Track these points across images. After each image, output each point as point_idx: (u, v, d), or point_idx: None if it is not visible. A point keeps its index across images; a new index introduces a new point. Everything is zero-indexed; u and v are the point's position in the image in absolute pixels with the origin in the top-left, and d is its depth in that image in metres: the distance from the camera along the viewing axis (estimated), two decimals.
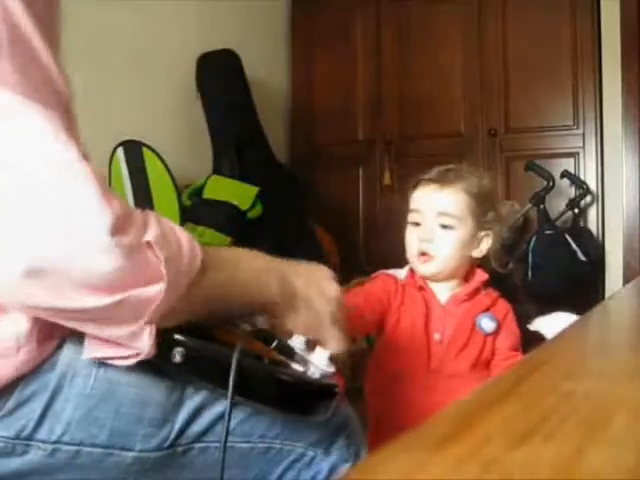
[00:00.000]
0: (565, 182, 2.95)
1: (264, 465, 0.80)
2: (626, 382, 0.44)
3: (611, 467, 0.28)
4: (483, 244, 1.31)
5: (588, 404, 0.38)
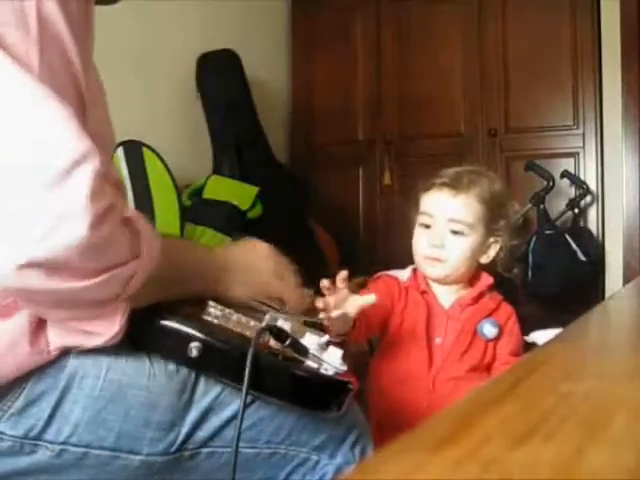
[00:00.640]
0: (565, 182, 2.95)
1: (269, 469, 0.80)
2: (626, 382, 0.44)
3: (611, 467, 0.28)
4: (491, 250, 1.30)
5: (588, 404, 0.38)
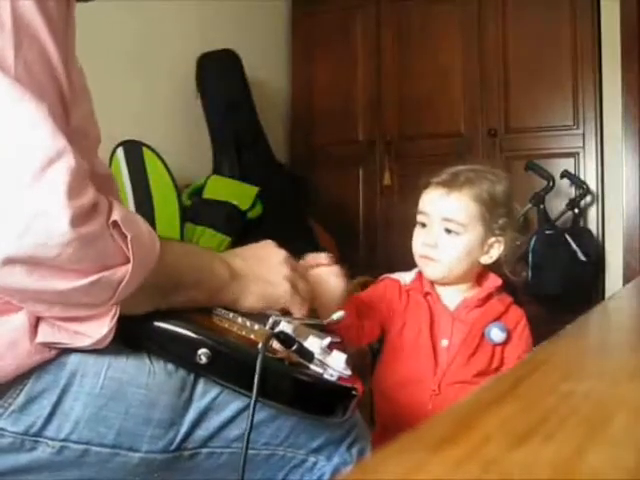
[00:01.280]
0: (565, 182, 2.95)
1: (267, 470, 0.81)
2: (626, 382, 0.44)
3: (611, 467, 0.28)
4: (493, 250, 1.27)
5: (588, 404, 0.38)
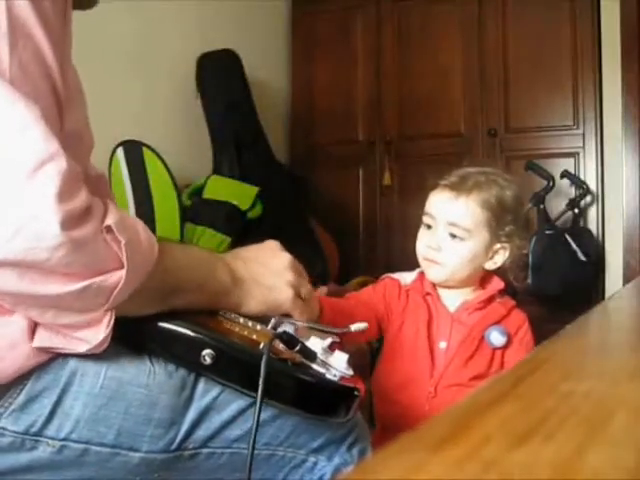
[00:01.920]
0: (565, 182, 2.95)
1: (267, 470, 0.81)
2: (626, 382, 0.44)
3: (611, 467, 0.28)
4: (498, 257, 1.25)
5: (588, 404, 0.38)
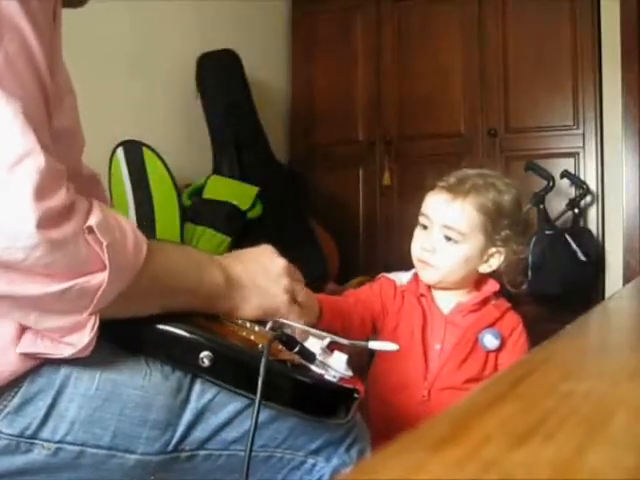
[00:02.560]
0: (565, 182, 2.95)
1: (265, 472, 0.80)
2: (626, 382, 0.44)
3: (611, 467, 0.28)
4: (493, 260, 1.24)
5: (588, 404, 0.38)
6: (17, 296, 0.61)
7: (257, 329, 0.80)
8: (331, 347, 0.83)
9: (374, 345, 0.90)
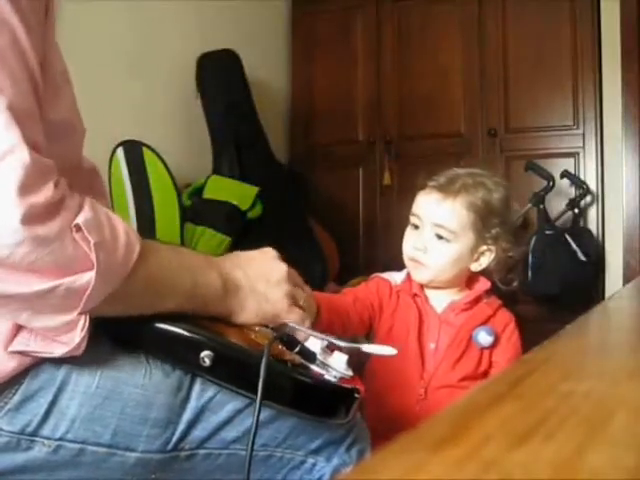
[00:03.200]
0: (565, 182, 2.95)
1: (265, 471, 0.80)
2: (626, 382, 0.44)
3: (611, 467, 0.28)
4: (484, 258, 1.26)
5: (588, 404, 0.38)
6: (4, 294, 0.60)
7: (258, 329, 0.80)
8: (331, 347, 0.83)
9: (371, 349, 0.89)
